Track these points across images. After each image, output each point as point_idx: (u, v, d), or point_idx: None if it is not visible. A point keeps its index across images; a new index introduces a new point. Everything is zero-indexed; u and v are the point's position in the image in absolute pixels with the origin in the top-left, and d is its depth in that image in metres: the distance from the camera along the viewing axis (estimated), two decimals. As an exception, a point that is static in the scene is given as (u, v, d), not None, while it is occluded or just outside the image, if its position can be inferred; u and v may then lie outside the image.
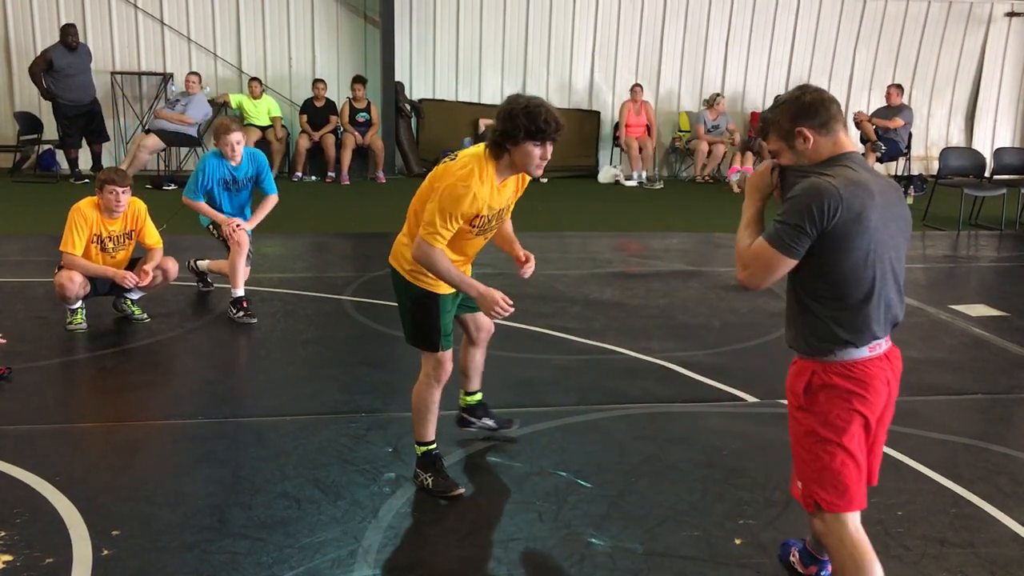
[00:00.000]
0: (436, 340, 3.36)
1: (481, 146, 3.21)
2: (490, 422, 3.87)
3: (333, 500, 3.33)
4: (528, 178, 3.35)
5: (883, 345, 2.53)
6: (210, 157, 5.73)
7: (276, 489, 3.41)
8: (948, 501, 3.45)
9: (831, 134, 2.44)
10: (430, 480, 3.42)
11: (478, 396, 3.84)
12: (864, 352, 2.46)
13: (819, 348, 2.45)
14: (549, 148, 3.15)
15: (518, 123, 3.06)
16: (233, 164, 5.69)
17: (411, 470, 3.55)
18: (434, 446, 3.46)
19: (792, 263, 2.39)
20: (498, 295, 3.13)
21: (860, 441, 2.46)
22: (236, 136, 5.60)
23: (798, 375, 2.52)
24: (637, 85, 12.50)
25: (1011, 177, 10.22)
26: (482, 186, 3.10)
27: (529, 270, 3.51)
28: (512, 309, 3.14)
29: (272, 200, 5.90)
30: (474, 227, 3.19)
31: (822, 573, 2.86)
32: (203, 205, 5.71)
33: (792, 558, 2.95)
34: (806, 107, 2.44)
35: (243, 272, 5.69)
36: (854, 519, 2.46)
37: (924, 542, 3.14)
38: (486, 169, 3.14)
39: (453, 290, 3.31)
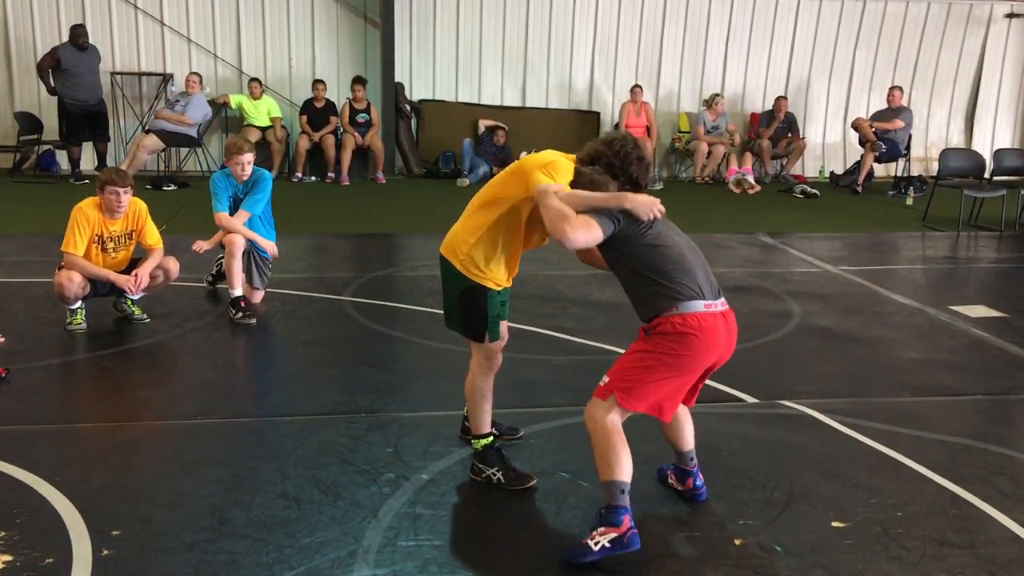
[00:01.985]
0: (483, 331, 3.42)
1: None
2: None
3: (333, 500, 3.34)
4: None
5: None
6: (219, 177, 5.78)
7: (276, 489, 3.41)
8: (948, 502, 3.45)
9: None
10: (499, 474, 3.43)
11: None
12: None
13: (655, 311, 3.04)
14: None
15: (629, 169, 3.17)
16: (239, 183, 5.76)
17: (410, 470, 3.55)
18: (491, 438, 3.49)
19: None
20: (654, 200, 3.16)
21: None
22: (248, 157, 5.67)
23: None
24: (637, 86, 12.50)
25: (1011, 178, 10.23)
26: (567, 173, 3.20)
27: None
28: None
29: (234, 218, 5.78)
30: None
31: (696, 483, 3.35)
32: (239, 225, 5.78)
33: (669, 480, 3.38)
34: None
35: (240, 274, 5.69)
36: (620, 418, 3.01)
37: (924, 543, 3.14)
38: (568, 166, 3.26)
39: (502, 286, 3.41)
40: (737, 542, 3.12)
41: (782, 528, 3.22)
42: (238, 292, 5.65)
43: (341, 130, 11.86)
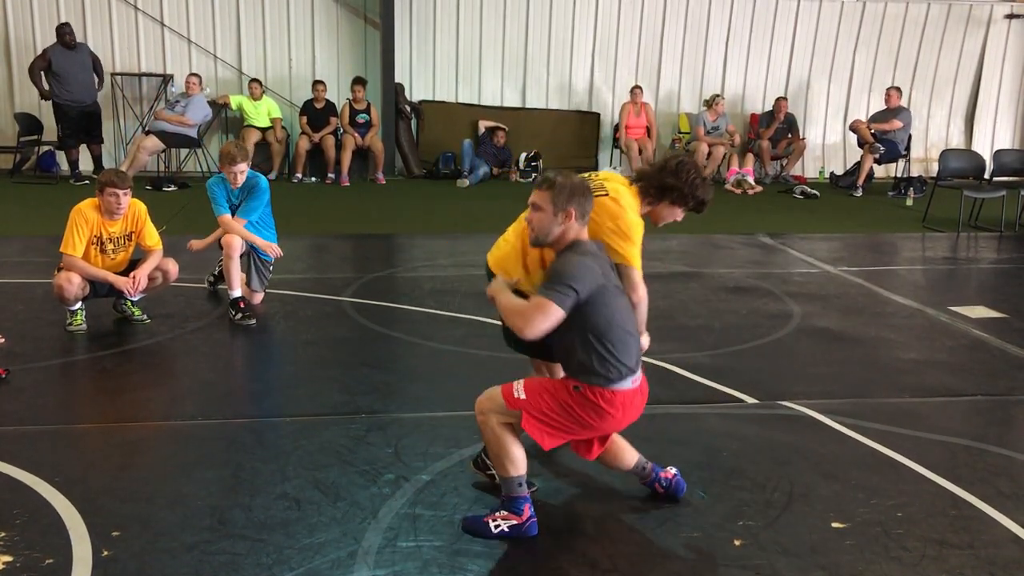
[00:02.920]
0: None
1: (624, 179, 3.55)
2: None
3: (333, 501, 3.34)
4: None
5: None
6: (215, 182, 5.80)
7: (276, 490, 3.41)
8: (947, 502, 3.45)
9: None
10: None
11: None
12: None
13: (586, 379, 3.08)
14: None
15: (696, 194, 3.44)
16: (234, 188, 5.78)
17: (410, 471, 3.55)
18: None
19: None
20: None
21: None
22: (241, 167, 5.67)
23: None
24: (637, 86, 12.51)
25: (1011, 179, 10.23)
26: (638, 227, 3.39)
27: None
28: None
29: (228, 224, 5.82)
30: None
31: (663, 484, 3.36)
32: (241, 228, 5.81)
33: (657, 488, 3.38)
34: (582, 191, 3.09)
35: (238, 275, 5.70)
36: (510, 424, 3.09)
37: (924, 543, 3.14)
38: (635, 203, 3.45)
39: None
40: (737, 543, 3.12)
41: (782, 529, 3.22)
42: (237, 293, 5.66)
43: (341, 131, 11.86)
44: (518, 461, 3.11)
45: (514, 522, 3.10)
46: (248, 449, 3.78)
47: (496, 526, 3.10)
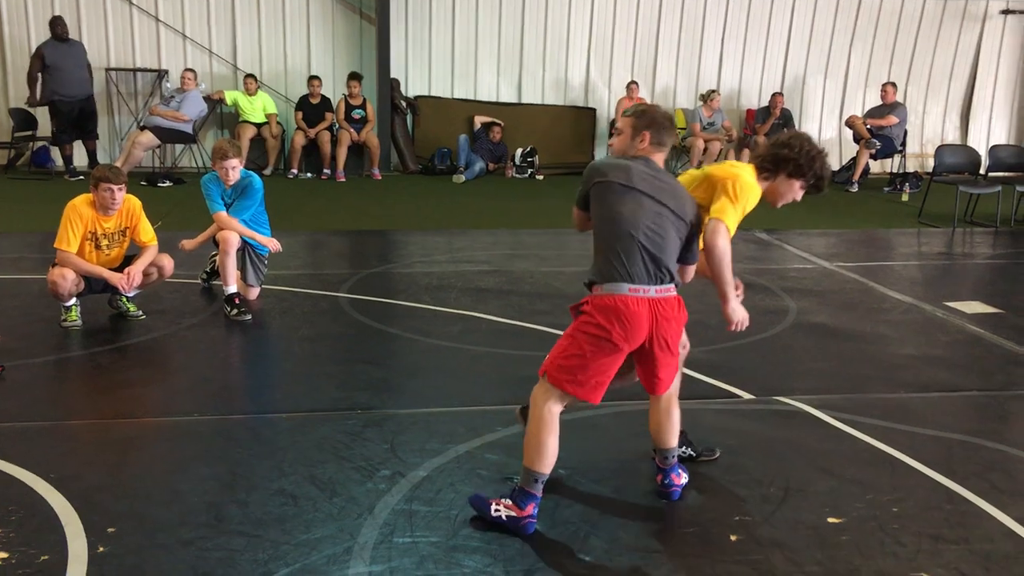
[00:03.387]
0: None
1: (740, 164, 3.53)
2: (689, 451, 3.75)
3: (329, 497, 3.33)
4: None
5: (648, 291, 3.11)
6: (209, 179, 5.80)
7: (272, 486, 3.40)
8: (943, 497, 3.46)
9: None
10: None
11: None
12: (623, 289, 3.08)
13: (590, 279, 3.17)
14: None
15: (814, 169, 3.43)
16: (227, 187, 5.77)
17: (406, 467, 3.55)
18: None
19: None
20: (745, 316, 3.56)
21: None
22: (233, 162, 5.66)
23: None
24: (633, 82, 12.50)
25: (1006, 174, 10.24)
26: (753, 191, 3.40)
27: None
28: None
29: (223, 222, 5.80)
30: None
31: (664, 480, 3.37)
32: (236, 222, 5.79)
33: (660, 480, 3.40)
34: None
35: (234, 271, 5.70)
36: (560, 405, 3.10)
37: (919, 538, 3.14)
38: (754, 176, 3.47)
39: None
40: (733, 538, 3.13)
41: (778, 524, 3.22)
42: (233, 289, 5.65)
43: (337, 126, 11.84)
44: (547, 457, 3.09)
45: (514, 514, 3.10)
46: (244, 445, 3.78)
47: (496, 511, 3.12)
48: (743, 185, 3.38)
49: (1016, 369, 5.02)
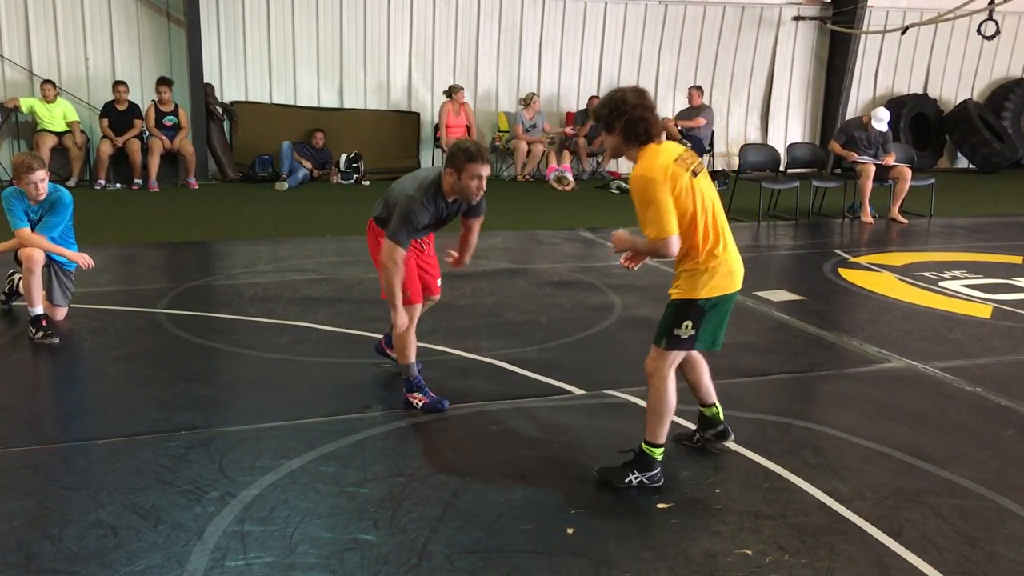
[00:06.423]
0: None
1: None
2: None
3: (153, 525, 3.16)
4: None
5: None
6: (10, 194, 5.35)
7: (89, 518, 3.19)
8: (760, 476, 3.67)
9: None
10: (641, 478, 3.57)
11: (713, 409, 3.92)
12: None
13: None
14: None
15: (645, 117, 3.36)
16: (33, 204, 5.35)
17: (237, 487, 3.42)
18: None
19: None
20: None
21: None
22: (40, 175, 5.24)
23: None
24: (457, 86, 12.57)
25: (803, 171, 11.03)
26: (656, 159, 3.33)
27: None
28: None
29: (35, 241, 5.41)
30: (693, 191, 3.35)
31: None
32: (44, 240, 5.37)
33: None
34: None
35: (40, 291, 5.31)
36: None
37: (740, 516, 3.33)
38: (646, 153, 3.38)
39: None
40: (570, 531, 3.20)
41: (612, 512, 3.32)
42: (38, 310, 5.26)
43: (147, 134, 11.26)
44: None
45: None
46: (56, 476, 3.52)
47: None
48: (639, 190, 3.33)
49: (819, 351, 5.41)
